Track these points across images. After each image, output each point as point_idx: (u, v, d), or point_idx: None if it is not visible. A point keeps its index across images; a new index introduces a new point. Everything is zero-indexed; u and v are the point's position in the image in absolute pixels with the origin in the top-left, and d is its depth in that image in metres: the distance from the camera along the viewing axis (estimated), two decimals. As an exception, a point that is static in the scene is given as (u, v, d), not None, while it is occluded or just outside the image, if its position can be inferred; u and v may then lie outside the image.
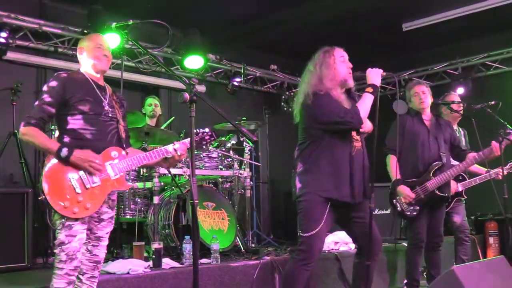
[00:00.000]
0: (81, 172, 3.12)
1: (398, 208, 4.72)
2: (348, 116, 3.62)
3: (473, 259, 5.64)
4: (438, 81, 8.80)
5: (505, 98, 5.85)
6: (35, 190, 5.16)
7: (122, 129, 3.40)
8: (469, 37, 8.26)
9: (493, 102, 5.35)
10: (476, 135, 5.07)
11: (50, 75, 6.46)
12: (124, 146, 3.40)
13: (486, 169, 5.38)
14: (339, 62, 3.78)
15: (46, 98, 3.18)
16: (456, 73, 8.48)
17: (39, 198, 3.12)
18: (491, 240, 7.43)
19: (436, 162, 4.76)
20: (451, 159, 4.99)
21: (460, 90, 7.98)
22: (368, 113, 3.73)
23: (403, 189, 4.65)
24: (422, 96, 4.88)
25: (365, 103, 3.70)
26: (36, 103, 3.23)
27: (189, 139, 3.31)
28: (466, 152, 5.01)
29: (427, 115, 4.94)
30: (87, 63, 3.38)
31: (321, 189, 3.65)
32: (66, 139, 3.23)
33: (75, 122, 3.22)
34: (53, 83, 3.21)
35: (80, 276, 3.24)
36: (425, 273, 5.77)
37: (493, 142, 4.81)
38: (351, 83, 3.84)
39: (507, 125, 5.14)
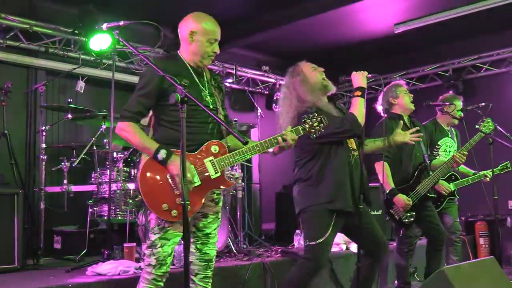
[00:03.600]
0: None
1: (396, 217, 4.70)
2: (346, 125, 3.62)
3: (463, 260, 5.67)
4: (429, 83, 8.86)
5: (495, 100, 5.89)
6: (25, 191, 5.13)
7: (222, 119, 3.13)
8: (460, 39, 8.31)
9: (483, 104, 5.38)
10: (466, 136, 5.10)
11: (40, 76, 6.50)
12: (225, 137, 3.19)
13: (473, 172, 5.42)
14: (310, 72, 3.78)
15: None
16: (447, 74, 8.53)
17: (136, 199, 3.03)
18: (481, 241, 7.49)
19: (422, 164, 4.79)
20: None
21: (451, 92, 8.02)
22: (364, 117, 3.69)
23: (402, 199, 4.59)
24: (409, 97, 4.87)
25: (359, 108, 3.67)
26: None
27: (294, 127, 3.22)
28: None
29: (407, 118, 4.92)
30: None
31: (326, 201, 3.63)
32: (162, 133, 3.06)
33: (173, 113, 2.99)
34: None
35: (193, 277, 3.12)
36: (416, 274, 5.80)
37: (454, 155, 4.85)
38: (331, 86, 3.82)
39: (498, 127, 5.16)
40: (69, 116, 5.55)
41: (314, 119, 3.28)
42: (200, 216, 3.13)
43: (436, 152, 5.45)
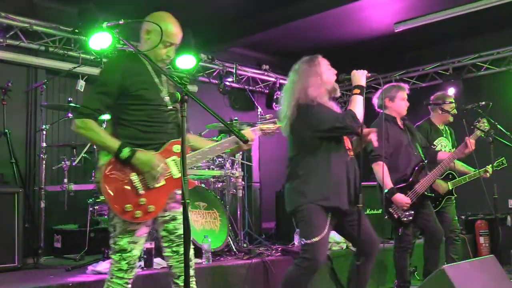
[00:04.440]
0: None
1: (395, 216, 4.71)
2: (347, 121, 3.61)
3: (463, 259, 5.66)
4: (429, 82, 8.86)
5: (495, 98, 5.89)
6: (26, 190, 5.14)
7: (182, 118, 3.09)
8: (460, 38, 8.31)
9: (483, 103, 5.38)
10: (467, 135, 5.10)
11: (40, 75, 6.50)
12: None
13: (474, 170, 5.42)
14: (326, 70, 3.77)
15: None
16: (447, 73, 8.53)
17: (98, 200, 2.93)
18: (481, 239, 7.48)
19: (419, 164, 4.81)
20: None
21: (451, 91, 8.02)
22: (363, 115, 3.70)
23: (401, 199, 4.62)
24: (403, 103, 4.91)
25: (358, 105, 3.68)
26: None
27: (256, 127, 3.26)
28: (435, 151, 5.16)
29: (400, 120, 4.97)
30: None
31: (321, 199, 3.62)
32: (123, 132, 2.95)
33: (134, 113, 2.94)
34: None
35: (177, 281, 3.02)
36: (416, 273, 5.80)
37: (467, 138, 4.92)
38: (338, 92, 3.83)
39: (498, 125, 5.17)
40: (70, 115, 5.55)
41: (268, 122, 3.35)
42: (169, 219, 3.04)
43: None
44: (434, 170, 4.86)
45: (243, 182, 6.23)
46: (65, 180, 5.48)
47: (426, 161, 4.90)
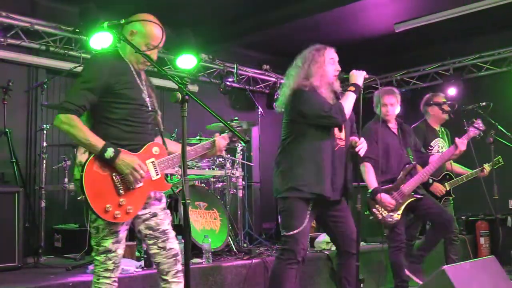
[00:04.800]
0: None
1: (379, 216, 4.73)
2: (332, 111, 3.65)
3: (464, 259, 5.67)
4: (430, 82, 8.85)
5: (496, 99, 5.89)
6: (26, 189, 5.13)
7: (160, 120, 3.12)
8: (461, 38, 8.31)
9: (484, 104, 5.38)
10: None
11: (41, 74, 6.50)
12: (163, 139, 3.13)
13: (471, 170, 5.43)
14: (328, 63, 3.80)
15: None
16: (448, 74, 8.52)
17: (78, 198, 2.82)
18: (482, 240, 7.48)
19: (408, 165, 4.84)
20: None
21: (452, 91, 8.03)
22: (350, 111, 3.78)
23: (384, 199, 4.66)
24: (390, 108, 4.93)
25: (348, 101, 3.75)
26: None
27: (228, 134, 3.28)
28: (428, 155, 5.19)
29: (393, 123, 5.02)
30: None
31: (303, 184, 3.65)
32: (103, 130, 2.91)
33: (116, 111, 2.92)
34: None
35: (165, 277, 3.01)
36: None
37: (456, 138, 4.94)
38: (337, 86, 3.86)
39: (498, 126, 5.17)
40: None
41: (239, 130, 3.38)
42: (150, 216, 3.02)
43: (430, 153, 5.46)
44: (421, 171, 4.91)
45: (243, 182, 6.23)
46: (66, 180, 5.48)
47: (414, 164, 4.92)
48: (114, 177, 2.83)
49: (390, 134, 4.93)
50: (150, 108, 3.06)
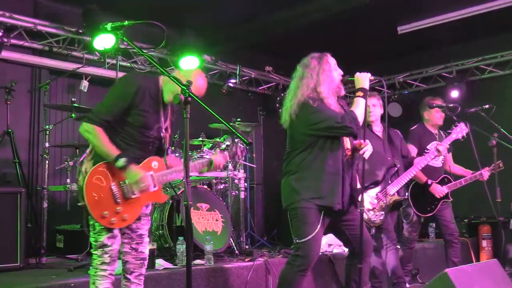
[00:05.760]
0: (123, 182, 3.10)
1: (365, 217, 4.72)
2: (346, 121, 3.60)
3: (466, 262, 5.64)
4: (433, 84, 8.84)
5: (499, 102, 5.88)
6: (28, 190, 5.13)
7: (168, 138, 3.36)
8: (464, 41, 8.30)
9: (487, 106, 5.37)
10: (470, 138, 5.09)
11: (44, 75, 6.50)
12: (165, 154, 3.33)
13: (472, 171, 5.43)
14: (333, 69, 3.77)
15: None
16: (451, 76, 8.51)
17: (79, 204, 3.09)
18: (484, 243, 7.46)
19: (392, 168, 4.88)
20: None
21: (455, 94, 8.02)
22: (363, 117, 3.72)
23: (366, 198, 4.70)
24: (372, 108, 4.97)
25: (360, 108, 3.69)
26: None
27: (229, 153, 3.52)
28: (412, 158, 5.24)
29: (378, 126, 5.04)
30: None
31: (315, 197, 3.63)
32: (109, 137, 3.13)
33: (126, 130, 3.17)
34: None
35: (128, 276, 3.26)
36: (418, 275, 5.81)
37: (437, 142, 5.16)
38: (343, 91, 3.83)
39: (501, 129, 5.17)
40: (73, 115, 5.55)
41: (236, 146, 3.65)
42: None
43: None
44: (405, 172, 4.96)
45: (245, 184, 6.23)
46: (68, 181, 5.48)
47: (398, 166, 4.95)
48: (112, 186, 3.08)
49: (373, 137, 4.91)
50: (155, 135, 3.25)
